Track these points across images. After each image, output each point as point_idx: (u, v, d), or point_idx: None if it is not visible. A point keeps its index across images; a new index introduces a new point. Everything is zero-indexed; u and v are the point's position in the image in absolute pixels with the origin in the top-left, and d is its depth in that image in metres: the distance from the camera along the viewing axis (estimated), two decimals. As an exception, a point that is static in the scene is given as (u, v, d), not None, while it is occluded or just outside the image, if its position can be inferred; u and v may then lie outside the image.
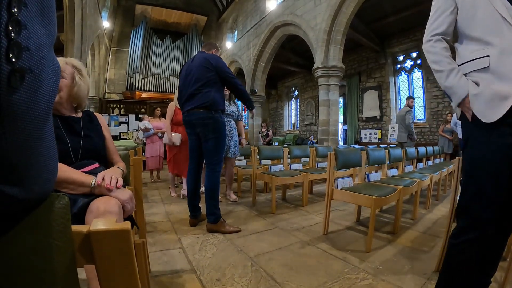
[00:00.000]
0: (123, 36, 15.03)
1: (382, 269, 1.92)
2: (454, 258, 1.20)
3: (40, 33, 0.36)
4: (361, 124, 12.54)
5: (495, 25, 1.16)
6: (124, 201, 1.12)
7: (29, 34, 0.33)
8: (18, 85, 0.33)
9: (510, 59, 1.12)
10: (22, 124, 0.35)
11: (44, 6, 0.36)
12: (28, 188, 0.41)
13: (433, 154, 5.72)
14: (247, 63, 13.12)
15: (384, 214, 3.36)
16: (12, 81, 0.32)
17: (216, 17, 17.45)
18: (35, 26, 0.35)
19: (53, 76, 0.40)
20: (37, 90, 0.36)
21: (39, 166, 0.42)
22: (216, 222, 2.66)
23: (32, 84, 0.35)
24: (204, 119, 2.71)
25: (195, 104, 2.72)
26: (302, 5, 9.43)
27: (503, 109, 1.11)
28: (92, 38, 10.06)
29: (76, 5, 7.35)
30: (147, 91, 14.35)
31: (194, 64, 2.83)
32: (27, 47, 0.33)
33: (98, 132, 1.47)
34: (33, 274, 0.41)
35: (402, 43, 10.76)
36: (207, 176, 2.76)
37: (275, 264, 1.99)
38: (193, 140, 2.89)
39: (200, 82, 2.73)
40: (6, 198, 0.37)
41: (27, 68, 0.34)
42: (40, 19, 0.36)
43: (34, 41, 0.34)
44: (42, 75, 0.37)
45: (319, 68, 8.37)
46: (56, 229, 0.45)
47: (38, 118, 0.38)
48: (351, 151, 2.95)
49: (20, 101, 0.34)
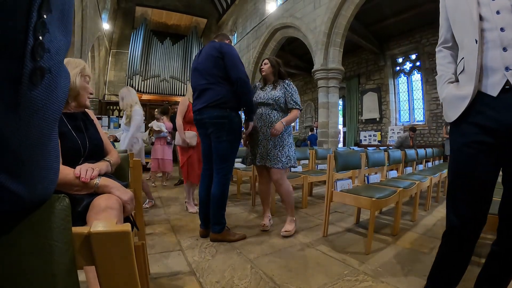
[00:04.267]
0: (123, 38, 15.05)
1: (382, 271, 1.92)
2: (440, 249, 1.38)
3: (59, 39, 0.37)
4: (361, 126, 12.55)
5: (468, 25, 1.22)
6: (125, 201, 1.14)
7: (51, 37, 0.35)
8: (38, 82, 0.35)
9: (471, 59, 1.19)
10: (37, 120, 0.37)
11: (64, 15, 0.38)
12: (33, 187, 0.41)
13: (432, 156, 5.73)
14: (247, 65, 13.13)
15: (383, 216, 3.37)
16: (33, 78, 0.34)
17: (216, 19, 17.49)
18: (56, 31, 0.36)
19: (65, 81, 0.42)
20: (53, 91, 0.38)
21: (46, 165, 0.43)
22: (222, 232, 2.47)
23: (50, 84, 0.37)
24: (217, 118, 2.40)
25: (206, 102, 2.41)
26: (301, 7, 9.46)
27: (461, 108, 1.23)
28: (92, 40, 10.07)
29: (77, 7, 7.36)
30: (147, 93, 14.35)
31: (202, 55, 2.51)
32: (48, 49, 0.35)
33: (95, 127, 1.50)
34: (33, 275, 0.42)
35: (401, 45, 10.81)
36: (216, 183, 2.47)
37: (274, 266, 1.99)
38: (206, 143, 2.58)
39: (209, 75, 2.41)
40: (10, 195, 0.37)
41: (47, 68, 0.36)
42: (60, 27, 0.38)
43: (54, 45, 0.36)
44: (58, 78, 0.39)
45: (318, 70, 8.39)
46: (57, 231, 0.45)
47: (50, 118, 0.39)
48: (351, 153, 2.95)
49: (38, 98, 0.35)
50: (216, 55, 2.38)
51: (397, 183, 2.92)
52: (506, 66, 1.10)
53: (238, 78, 2.35)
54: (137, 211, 1.76)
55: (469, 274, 1.77)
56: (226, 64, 2.37)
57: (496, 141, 1.15)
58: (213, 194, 2.47)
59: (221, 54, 2.37)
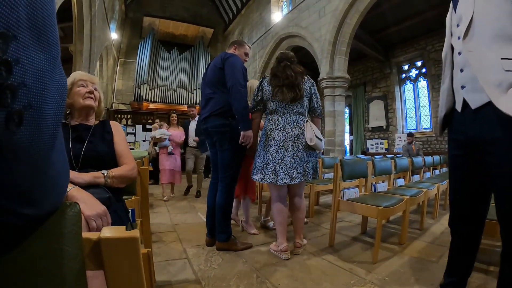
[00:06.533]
0: (131, 48, 15.31)
1: (389, 280, 1.90)
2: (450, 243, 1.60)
3: (38, 60, 0.34)
4: (367, 134, 12.48)
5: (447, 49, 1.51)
6: (87, 216, 0.96)
7: (24, 67, 0.32)
8: (16, 128, 0.32)
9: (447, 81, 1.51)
10: (26, 157, 0.35)
11: (40, 30, 0.34)
12: (38, 207, 0.42)
13: (440, 163, 5.67)
14: (253, 74, 13.23)
15: (390, 224, 3.33)
16: (10, 126, 0.31)
17: (223, 29, 17.71)
18: (31, 55, 0.33)
19: (59, 96, 0.39)
20: (40, 123, 0.36)
21: (49, 186, 0.43)
22: (228, 241, 2.47)
23: (34, 119, 0.34)
24: (219, 127, 2.45)
25: (209, 111, 2.48)
26: (306, 16, 9.54)
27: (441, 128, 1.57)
28: (101, 49, 10.26)
29: (85, 17, 7.52)
30: (155, 102, 14.49)
31: (210, 66, 2.61)
32: (23, 83, 0.32)
33: (106, 139, 1.46)
34: (43, 278, 0.43)
35: (406, 52, 10.79)
36: (220, 191, 2.48)
37: (280, 275, 1.97)
38: (213, 152, 2.63)
39: (213, 85, 2.48)
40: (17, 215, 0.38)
41: (26, 105, 0.33)
42: (37, 45, 0.34)
43: (31, 72, 0.33)
44: (43, 107, 0.36)
45: (324, 79, 8.41)
46: (68, 235, 0.47)
47: (44, 147, 0.37)
48: (357, 162, 2.95)
49: (22, 139, 0.33)
50: (219, 66, 2.45)
51: (404, 191, 2.90)
52: (461, 85, 1.35)
53: (231, 86, 2.36)
54: (143, 219, 1.77)
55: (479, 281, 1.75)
56: (225, 72, 2.41)
57: (466, 152, 1.40)
58: (217, 203, 2.48)
59: (223, 63, 2.43)
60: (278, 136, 2.32)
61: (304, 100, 2.39)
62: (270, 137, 2.35)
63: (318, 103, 2.50)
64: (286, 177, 2.26)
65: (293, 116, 2.36)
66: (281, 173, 2.26)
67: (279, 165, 2.28)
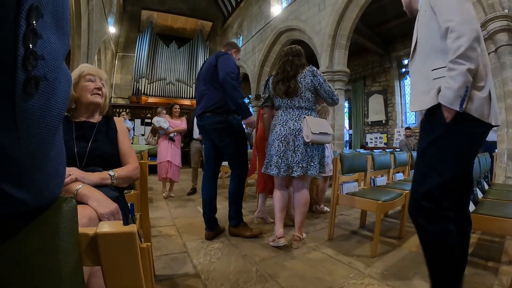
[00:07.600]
0: (129, 42, 15.18)
1: (388, 274, 1.90)
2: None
3: (54, 43, 0.37)
4: (367, 128, 12.48)
5: None
6: (101, 214, 0.97)
7: (44, 43, 0.34)
8: (33, 92, 0.34)
9: None
10: (36, 129, 0.37)
11: (59, 18, 0.37)
12: (37, 193, 0.42)
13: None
14: (252, 68, 13.17)
15: (389, 218, 3.34)
16: (27, 89, 0.33)
17: (221, 22, 17.56)
18: (50, 36, 0.36)
19: (66, 85, 0.42)
20: (51, 98, 0.38)
21: (49, 171, 0.43)
22: (238, 226, 2.63)
23: (46, 91, 0.36)
24: (216, 124, 2.51)
25: (203, 108, 2.53)
26: (306, 10, 9.46)
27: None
28: (99, 43, 10.17)
29: (83, 10, 7.43)
30: (153, 96, 14.42)
31: (205, 64, 2.69)
32: (42, 56, 0.34)
33: (110, 137, 1.45)
34: (39, 274, 0.42)
35: (406, 46, 10.72)
36: (231, 180, 2.69)
37: (279, 269, 1.98)
38: (208, 145, 2.72)
39: (207, 81, 2.56)
40: (15, 202, 0.38)
41: (42, 76, 0.35)
42: (55, 30, 0.37)
43: (49, 50, 0.35)
44: (56, 83, 0.38)
45: (324, 73, 8.37)
46: (64, 231, 0.46)
47: (51, 125, 0.39)
48: (357, 156, 2.94)
49: (35, 107, 0.35)
50: (213, 63, 2.54)
51: (403, 185, 2.90)
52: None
53: (222, 78, 2.43)
54: (143, 213, 1.77)
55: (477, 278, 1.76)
56: (217, 68, 2.48)
57: None
58: (229, 190, 2.68)
59: (216, 60, 2.52)
60: (280, 131, 2.40)
61: (305, 93, 2.39)
62: (273, 132, 2.46)
63: (327, 91, 2.41)
64: (288, 170, 2.37)
65: (295, 111, 2.40)
66: (283, 166, 2.36)
67: (281, 158, 2.39)
